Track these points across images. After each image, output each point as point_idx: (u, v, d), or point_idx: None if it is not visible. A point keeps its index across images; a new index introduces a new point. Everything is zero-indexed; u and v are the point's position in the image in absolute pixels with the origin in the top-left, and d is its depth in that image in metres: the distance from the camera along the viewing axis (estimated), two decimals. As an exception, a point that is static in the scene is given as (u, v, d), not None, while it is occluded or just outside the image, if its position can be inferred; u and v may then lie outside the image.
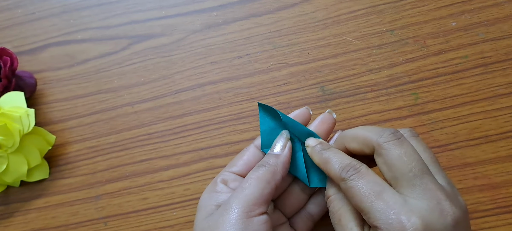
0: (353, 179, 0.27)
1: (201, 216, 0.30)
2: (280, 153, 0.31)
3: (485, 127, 0.39)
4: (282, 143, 0.32)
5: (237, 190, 0.29)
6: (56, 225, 0.42)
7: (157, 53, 0.45)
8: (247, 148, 0.34)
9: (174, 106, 0.43)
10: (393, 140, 0.28)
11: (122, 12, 0.47)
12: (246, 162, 0.33)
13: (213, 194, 0.31)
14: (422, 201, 0.25)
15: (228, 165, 0.33)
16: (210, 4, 0.46)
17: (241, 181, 0.32)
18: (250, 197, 0.28)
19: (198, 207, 0.31)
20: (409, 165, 0.26)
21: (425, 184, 0.26)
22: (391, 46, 0.42)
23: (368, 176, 0.27)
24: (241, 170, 0.33)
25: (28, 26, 0.48)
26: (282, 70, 0.43)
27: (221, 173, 0.33)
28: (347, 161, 0.28)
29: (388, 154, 0.27)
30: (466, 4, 0.42)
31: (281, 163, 0.31)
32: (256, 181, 0.29)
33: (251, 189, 0.29)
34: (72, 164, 0.44)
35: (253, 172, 0.30)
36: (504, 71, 0.40)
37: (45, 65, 0.46)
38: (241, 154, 0.34)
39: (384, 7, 0.43)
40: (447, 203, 0.25)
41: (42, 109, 0.45)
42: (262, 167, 0.30)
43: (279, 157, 0.31)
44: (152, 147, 0.43)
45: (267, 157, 0.31)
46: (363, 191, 0.26)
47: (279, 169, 0.30)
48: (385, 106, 0.41)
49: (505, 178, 0.38)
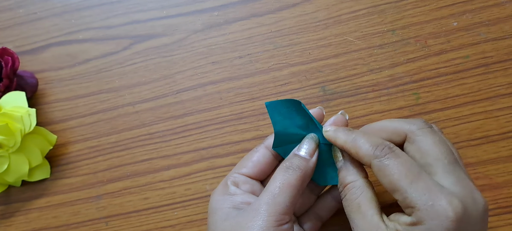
0: (389, 157, 0.27)
1: (219, 218, 0.29)
2: (308, 157, 0.30)
3: (486, 127, 0.39)
4: (311, 147, 0.30)
5: (266, 194, 0.28)
6: (57, 224, 0.42)
7: (158, 53, 0.45)
8: (257, 148, 0.33)
9: (175, 106, 0.44)
10: (427, 128, 0.28)
11: (123, 12, 0.47)
12: (256, 164, 0.32)
13: (227, 196, 0.30)
14: (458, 188, 0.25)
15: (237, 166, 0.33)
16: (211, 4, 0.46)
17: (253, 183, 0.32)
18: (282, 206, 0.27)
19: (212, 209, 0.30)
20: (444, 152, 0.27)
21: (458, 173, 0.26)
22: (392, 46, 0.42)
23: (404, 157, 0.27)
24: (251, 172, 0.32)
25: (29, 26, 0.48)
26: (283, 70, 0.43)
27: (230, 174, 0.32)
28: (380, 141, 0.28)
29: (423, 141, 0.27)
30: (468, 4, 0.42)
31: (311, 169, 0.30)
32: (288, 188, 0.28)
33: (283, 197, 0.28)
34: (73, 164, 0.44)
35: (282, 174, 0.29)
36: (506, 71, 0.40)
37: (46, 65, 0.47)
38: (250, 154, 0.33)
39: (386, 7, 0.43)
40: (478, 194, 0.26)
41: (43, 109, 0.45)
42: (291, 170, 0.29)
43: (309, 162, 0.30)
44: (153, 147, 0.43)
45: (295, 158, 0.30)
46: (400, 170, 0.26)
47: (308, 175, 0.30)
48: (386, 106, 0.41)
49: (507, 178, 0.38)
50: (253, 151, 0.33)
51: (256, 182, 0.32)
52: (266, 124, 0.42)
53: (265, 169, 0.33)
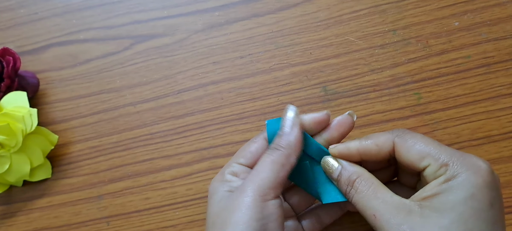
0: (407, 133, 0.29)
1: (214, 200, 0.30)
2: (289, 130, 0.30)
3: (487, 127, 0.39)
4: (291, 121, 0.31)
5: (252, 173, 0.29)
6: (59, 224, 0.42)
7: (160, 53, 0.45)
8: (255, 139, 0.33)
9: (176, 106, 0.44)
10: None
11: (125, 12, 0.47)
12: (254, 154, 0.32)
13: (224, 182, 0.31)
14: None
15: (235, 156, 0.33)
16: (212, 4, 0.46)
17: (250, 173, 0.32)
18: (266, 181, 0.28)
19: (210, 194, 0.31)
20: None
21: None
22: (393, 46, 0.42)
23: (417, 133, 0.29)
24: (249, 162, 0.32)
25: (30, 26, 0.48)
26: (284, 70, 0.43)
27: (228, 164, 0.32)
28: (387, 132, 0.30)
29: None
30: (469, 4, 0.42)
31: (294, 144, 0.30)
32: (270, 164, 0.29)
33: (266, 173, 0.28)
34: (74, 164, 0.44)
35: (266, 155, 0.30)
36: (507, 71, 0.40)
37: (47, 65, 0.47)
38: (248, 145, 0.33)
39: (387, 7, 0.43)
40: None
41: (44, 109, 0.45)
42: (275, 150, 0.30)
43: (290, 137, 0.30)
44: (154, 147, 0.43)
45: (278, 138, 0.30)
46: (425, 139, 0.28)
47: (293, 151, 0.30)
48: (388, 107, 0.41)
49: (508, 178, 0.38)
50: (251, 141, 0.33)
51: None
52: (267, 124, 0.42)
53: None
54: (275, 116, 0.42)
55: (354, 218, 0.38)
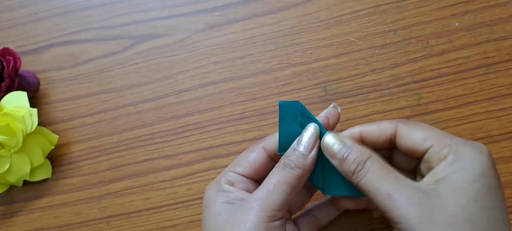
0: (409, 120, 0.30)
1: (212, 212, 0.29)
2: (307, 153, 0.29)
3: (488, 127, 0.39)
4: (311, 141, 0.29)
5: (261, 190, 0.28)
6: (59, 224, 0.42)
7: (160, 53, 0.45)
8: (253, 148, 0.32)
9: (176, 106, 0.44)
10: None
11: (125, 12, 0.47)
12: (251, 164, 0.31)
13: (220, 193, 0.30)
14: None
15: (232, 164, 0.32)
16: (213, 4, 0.46)
17: (247, 182, 0.31)
18: (275, 202, 0.27)
19: (205, 204, 0.30)
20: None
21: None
22: (394, 46, 0.42)
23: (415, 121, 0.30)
24: (246, 171, 0.31)
25: (31, 26, 0.48)
26: (284, 70, 0.43)
27: (224, 172, 0.32)
28: (389, 120, 0.31)
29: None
30: (469, 4, 0.42)
31: (309, 165, 0.29)
32: (282, 186, 0.28)
33: (276, 194, 0.28)
34: (74, 164, 0.44)
35: (278, 172, 0.29)
36: (507, 71, 0.40)
37: (48, 65, 0.47)
38: (246, 153, 0.32)
39: (387, 7, 0.43)
40: None
41: (45, 109, 0.45)
42: (289, 169, 0.29)
43: (307, 159, 0.29)
44: (155, 147, 0.43)
45: (293, 155, 0.29)
46: (427, 124, 0.29)
47: (306, 173, 0.29)
48: (388, 107, 0.41)
49: (508, 178, 0.38)
50: (249, 150, 0.32)
51: (250, 181, 0.32)
52: (268, 124, 0.42)
53: (261, 169, 0.32)
54: (275, 116, 0.42)
55: (355, 218, 0.38)
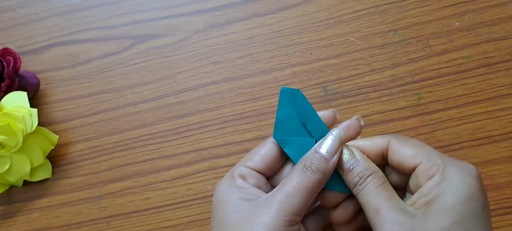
0: (402, 136, 0.30)
1: (228, 210, 0.29)
2: (329, 157, 0.29)
3: (488, 127, 0.39)
4: (334, 145, 0.29)
5: (281, 193, 0.28)
6: (59, 224, 0.42)
7: (160, 53, 0.45)
8: (265, 142, 0.32)
9: (176, 106, 0.43)
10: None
11: (125, 12, 0.47)
12: (263, 158, 0.31)
13: (234, 188, 0.30)
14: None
15: (244, 159, 0.32)
16: (213, 4, 0.46)
17: (259, 177, 0.31)
18: (296, 207, 0.27)
19: (220, 200, 0.30)
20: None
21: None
22: (394, 46, 0.42)
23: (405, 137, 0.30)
24: (258, 166, 0.31)
25: (31, 26, 0.48)
26: (284, 70, 0.43)
27: (237, 166, 0.32)
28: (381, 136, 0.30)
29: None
30: (469, 4, 0.42)
31: (330, 170, 0.29)
32: (303, 190, 0.28)
33: (297, 199, 0.27)
34: (74, 164, 0.44)
35: (299, 174, 0.28)
36: (508, 71, 0.40)
37: (48, 65, 0.47)
38: (258, 148, 0.32)
39: (387, 7, 0.43)
40: None
41: (45, 109, 0.45)
42: (309, 172, 0.28)
43: (329, 163, 0.29)
44: (155, 147, 0.43)
45: (316, 158, 0.29)
46: (419, 142, 0.29)
47: (327, 177, 0.29)
48: (388, 107, 0.41)
49: (508, 178, 0.38)
50: (261, 145, 0.32)
51: (262, 176, 0.32)
52: (268, 124, 0.42)
53: (272, 164, 0.32)
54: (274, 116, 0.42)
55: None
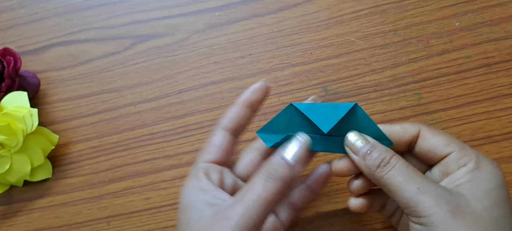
0: (430, 126, 0.30)
1: (192, 217, 0.28)
2: (293, 164, 0.28)
3: (488, 127, 0.39)
4: (300, 153, 0.28)
5: (241, 205, 0.26)
6: (59, 224, 0.42)
7: (160, 53, 0.45)
8: (214, 131, 0.32)
9: (177, 106, 0.44)
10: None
11: (125, 12, 0.47)
12: (219, 147, 0.31)
13: (199, 191, 0.29)
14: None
15: (201, 155, 0.31)
16: (213, 4, 0.46)
17: (221, 170, 0.31)
18: (255, 220, 0.26)
19: (185, 205, 0.29)
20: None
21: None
22: (394, 46, 0.42)
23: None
24: (217, 157, 0.31)
25: (31, 26, 0.48)
26: (285, 70, 0.43)
27: (197, 164, 0.31)
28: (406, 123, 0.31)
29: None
30: (470, 4, 0.42)
31: (294, 178, 0.28)
32: (264, 202, 0.26)
33: (257, 212, 0.26)
34: (75, 164, 0.44)
35: (261, 184, 0.27)
36: (508, 71, 0.40)
37: (48, 65, 0.47)
38: (210, 139, 0.32)
39: (387, 7, 0.43)
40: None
41: (45, 109, 0.45)
42: (272, 181, 0.27)
43: (293, 171, 0.28)
44: (155, 147, 0.43)
45: (281, 166, 0.27)
46: (446, 134, 0.30)
47: (290, 185, 0.28)
48: (388, 107, 0.41)
49: (509, 178, 0.38)
50: (212, 134, 0.32)
51: (225, 168, 0.32)
52: (268, 124, 0.42)
53: (228, 149, 0.32)
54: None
55: (355, 218, 0.38)
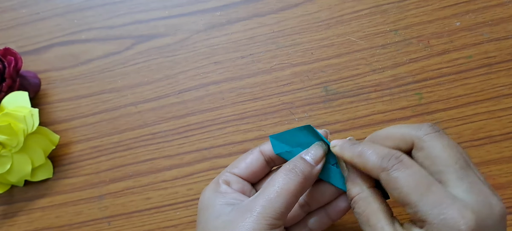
0: (397, 168, 0.25)
1: (211, 215, 0.29)
2: (313, 164, 0.29)
3: (489, 127, 0.39)
4: (318, 153, 0.30)
5: (263, 196, 0.27)
6: (60, 224, 0.42)
7: (161, 53, 0.45)
8: (252, 151, 0.33)
9: (177, 106, 0.44)
10: (434, 133, 0.27)
11: (126, 12, 0.47)
12: (249, 166, 0.32)
13: (218, 194, 0.30)
14: (471, 196, 0.24)
15: (230, 166, 0.33)
16: (214, 4, 0.46)
17: (244, 184, 0.32)
18: (277, 211, 0.27)
19: (203, 206, 0.30)
20: (454, 156, 0.26)
21: (471, 177, 0.25)
22: (394, 46, 0.42)
23: (413, 167, 0.26)
24: (243, 173, 0.32)
25: (32, 26, 0.48)
26: (285, 70, 0.43)
27: (222, 173, 0.32)
28: (386, 151, 0.27)
29: (431, 146, 0.26)
30: (470, 4, 0.42)
31: (314, 176, 0.29)
32: (286, 193, 0.27)
33: (279, 203, 0.27)
34: (75, 164, 0.44)
35: (282, 177, 0.28)
36: (509, 71, 0.40)
37: (49, 65, 0.47)
38: (244, 156, 0.33)
39: (388, 7, 0.43)
40: (494, 198, 0.25)
41: (46, 109, 0.46)
42: (293, 174, 0.28)
43: (313, 169, 0.29)
44: (156, 147, 0.43)
45: (300, 162, 0.29)
46: (410, 182, 0.25)
47: (310, 182, 0.29)
48: (389, 107, 0.40)
49: (510, 178, 0.38)
50: (247, 153, 0.33)
51: (247, 183, 0.32)
52: (268, 124, 0.42)
53: (257, 171, 0.32)
54: (276, 116, 0.42)
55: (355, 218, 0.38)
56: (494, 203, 0.25)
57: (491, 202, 0.25)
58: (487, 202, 0.24)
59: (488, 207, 0.24)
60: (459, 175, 0.25)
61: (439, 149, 0.26)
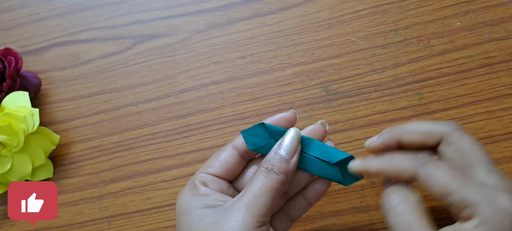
0: (432, 163, 0.26)
1: (193, 219, 0.29)
2: (289, 158, 0.29)
3: (489, 127, 0.39)
4: (292, 146, 0.30)
5: (248, 195, 0.28)
6: (60, 224, 0.42)
7: (161, 53, 0.45)
8: (224, 147, 0.33)
9: (177, 106, 0.44)
10: (460, 130, 0.28)
11: (126, 12, 0.47)
12: (223, 163, 0.32)
13: (197, 197, 0.30)
14: (505, 184, 0.26)
15: (204, 166, 0.32)
16: (214, 4, 0.46)
17: (220, 183, 0.31)
18: (263, 207, 0.27)
19: (183, 210, 0.30)
20: (482, 151, 0.27)
21: (499, 172, 0.27)
22: (395, 46, 0.42)
23: (444, 162, 0.27)
24: (218, 171, 0.32)
25: (32, 26, 0.48)
26: (285, 70, 0.43)
27: (197, 174, 0.32)
28: (412, 155, 0.28)
29: (461, 141, 0.28)
30: (471, 3, 0.42)
31: (292, 170, 0.29)
32: (269, 191, 0.28)
33: (264, 199, 0.28)
34: (76, 164, 0.44)
35: (263, 177, 0.29)
36: (509, 71, 0.40)
37: (49, 65, 0.47)
38: (217, 154, 0.32)
39: (388, 7, 0.43)
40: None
41: (46, 109, 0.46)
42: (273, 174, 0.29)
43: (289, 164, 0.29)
44: (156, 147, 0.43)
45: (276, 159, 0.29)
46: (449, 173, 0.26)
47: (289, 178, 0.29)
48: (389, 107, 0.41)
49: (510, 178, 0.38)
50: (220, 150, 0.33)
51: (223, 181, 0.32)
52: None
53: (233, 168, 0.32)
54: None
55: (355, 218, 0.38)
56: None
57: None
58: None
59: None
60: (488, 169, 0.27)
61: (468, 144, 0.27)
